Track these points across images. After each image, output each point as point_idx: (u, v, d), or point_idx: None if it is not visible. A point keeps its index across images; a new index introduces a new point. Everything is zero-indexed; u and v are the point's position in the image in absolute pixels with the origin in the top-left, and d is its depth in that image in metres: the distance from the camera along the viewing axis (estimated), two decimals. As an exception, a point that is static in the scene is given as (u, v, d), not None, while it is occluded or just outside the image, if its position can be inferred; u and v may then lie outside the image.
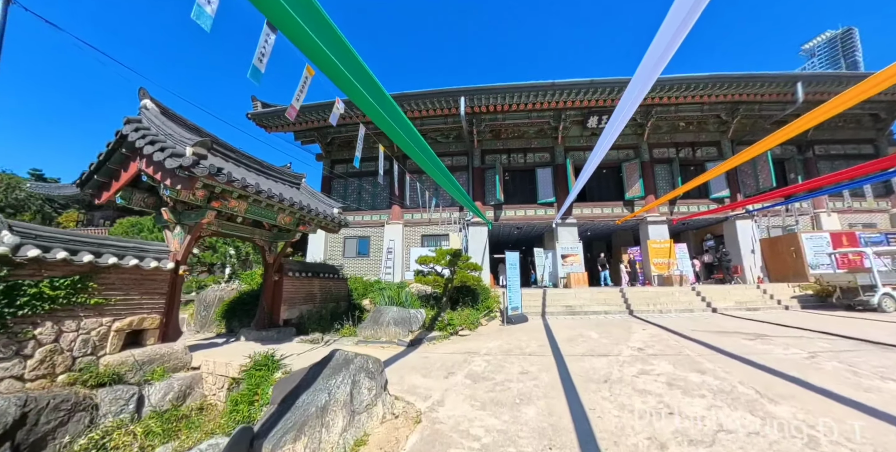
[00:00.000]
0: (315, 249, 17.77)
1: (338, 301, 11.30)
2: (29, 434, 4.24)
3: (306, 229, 8.88)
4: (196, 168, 5.53)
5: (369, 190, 18.51)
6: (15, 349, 4.58)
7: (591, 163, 7.47)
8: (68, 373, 4.97)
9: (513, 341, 7.85)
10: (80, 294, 5.17)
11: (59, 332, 4.96)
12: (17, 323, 4.60)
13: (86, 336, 5.20)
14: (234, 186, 6.11)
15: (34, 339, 4.73)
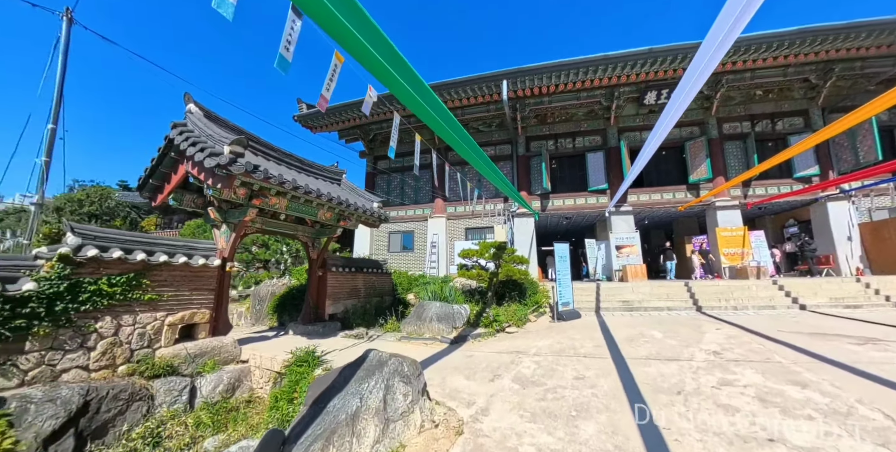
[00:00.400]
0: (361, 245, 18.04)
1: (382, 295, 11.24)
2: (91, 421, 4.44)
3: (347, 224, 8.80)
4: (233, 166, 5.52)
5: (411, 184, 18.39)
6: (80, 341, 4.83)
7: (651, 145, 6.57)
8: (127, 365, 5.19)
9: (564, 340, 7.19)
10: (135, 290, 5.37)
11: (118, 326, 5.19)
12: (81, 318, 4.85)
13: (142, 329, 5.41)
14: (271, 183, 6.06)
15: (96, 332, 4.97)
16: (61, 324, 4.67)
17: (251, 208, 6.55)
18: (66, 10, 6.33)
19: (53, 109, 6.14)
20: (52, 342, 4.61)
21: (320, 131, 18.22)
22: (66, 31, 6.24)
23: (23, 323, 4.39)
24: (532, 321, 9.40)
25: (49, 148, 6.01)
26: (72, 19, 6.25)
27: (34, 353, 4.48)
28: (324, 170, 9.50)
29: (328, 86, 4.45)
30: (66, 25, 6.21)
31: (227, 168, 5.47)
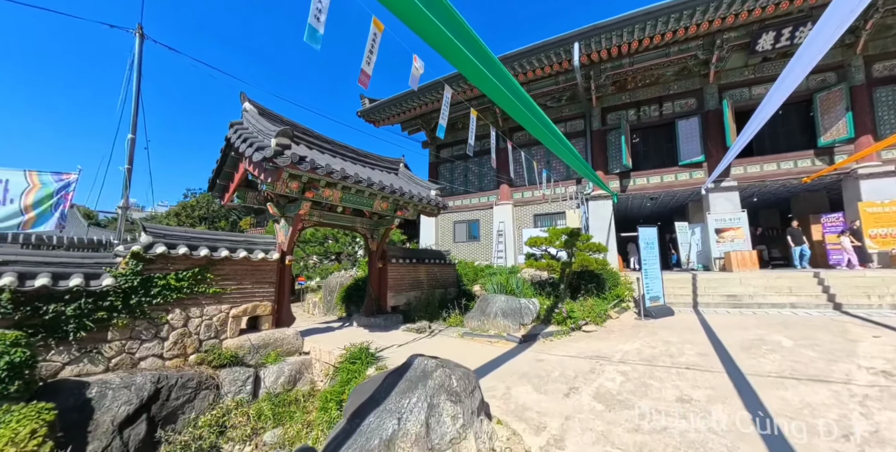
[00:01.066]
0: (426, 235, 17.85)
1: (446, 287, 10.76)
2: (162, 408, 4.57)
3: (404, 214, 8.38)
4: (278, 158, 5.29)
5: (475, 171, 17.57)
6: (154, 332, 5.04)
7: (773, 101, 5.00)
8: (197, 354, 5.34)
9: (657, 343, 5.92)
10: (201, 284, 5.49)
11: (187, 318, 5.34)
12: (154, 310, 5.05)
13: (209, 321, 5.53)
14: (318, 173, 5.77)
15: (168, 324, 5.16)
16: (137, 316, 4.90)
17: (304, 201, 6.39)
18: (138, 27, 6.72)
19: (132, 120, 6.61)
20: (131, 332, 4.86)
21: (383, 124, 18.24)
22: (139, 45, 6.64)
23: (104, 315, 4.65)
24: (613, 318, 8.12)
25: (130, 156, 6.49)
26: (143, 35, 6.65)
27: (115, 342, 4.74)
28: (380, 160, 9.17)
29: (368, 60, 3.89)
30: (139, 41, 6.62)
31: (273, 160, 5.27)
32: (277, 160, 5.28)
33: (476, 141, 17.20)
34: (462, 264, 13.46)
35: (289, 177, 5.80)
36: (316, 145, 7.44)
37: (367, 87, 4.40)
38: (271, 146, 5.37)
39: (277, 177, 5.55)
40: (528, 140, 15.90)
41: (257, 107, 6.68)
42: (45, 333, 4.30)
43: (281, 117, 7.03)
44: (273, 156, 5.25)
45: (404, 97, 15.69)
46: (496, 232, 15.60)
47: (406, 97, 15.64)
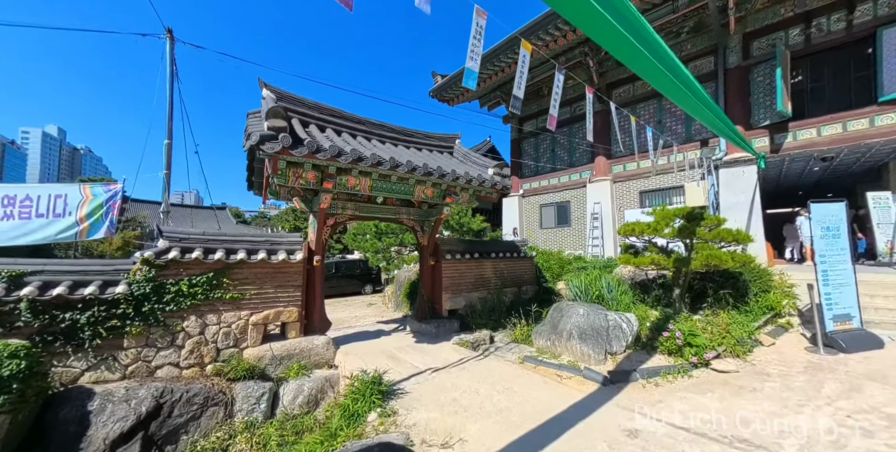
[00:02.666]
0: (509, 222, 15.92)
1: (520, 285, 8.95)
2: (162, 426, 4.14)
3: (455, 200, 6.84)
4: (266, 144, 4.32)
5: (565, 143, 14.74)
6: (170, 339, 4.72)
7: None
8: (214, 364, 4.91)
9: (870, 417, 3.29)
10: (216, 289, 5.02)
11: (204, 325, 4.93)
12: (168, 317, 4.73)
13: (227, 329, 5.06)
14: (319, 158, 4.66)
15: (183, 331, 4.80)
16: (151, 323, 4.62)
17: (324, 193, 5.42)
18: (167, 32, 6.60)
19: (168, 125, 6.60)
20: (146, 340, 4.60)
21: (458, 102, 16.66)
22: (170, 49, 6.53)
23: (117, 323, 4.44)
24: (765, 345, 5.29)
25: (168, 161, 6.48)
26: (173, 38, 6.53)
27: (131, 350, 4.52)
28: (428, 138, 7.75)
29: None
30: (170, 44, 6.51)
31: (260, 147, 4.31)
32: (265, 146, 4.32)
33: (565, 107, 14.38)
34: (545, 255, 11.34)
35: (288, 166, 4.84)
36: (345, 127, 6.40)
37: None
38: (262, 130, 4.43)
39: (274, 167, 4.63)
40: (633, 96, 12.44)
41: (275, 93, 5.89)
42: (63, 340, 4.22)
43: (303, 100, 6.15)
44: (259, 142, 4.30)
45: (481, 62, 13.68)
46: (590, 215, 12.81)
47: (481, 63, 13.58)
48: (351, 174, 5.44)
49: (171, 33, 6.70)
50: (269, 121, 4.49)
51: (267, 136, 4.36)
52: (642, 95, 12.18)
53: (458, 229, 14.80)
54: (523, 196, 15.87)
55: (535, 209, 15.34)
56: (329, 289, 15.12)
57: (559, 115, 13.26)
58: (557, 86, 5.04)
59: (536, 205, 15.26)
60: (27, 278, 4.28)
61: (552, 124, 4.99)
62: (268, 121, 4.49)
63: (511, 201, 16.09)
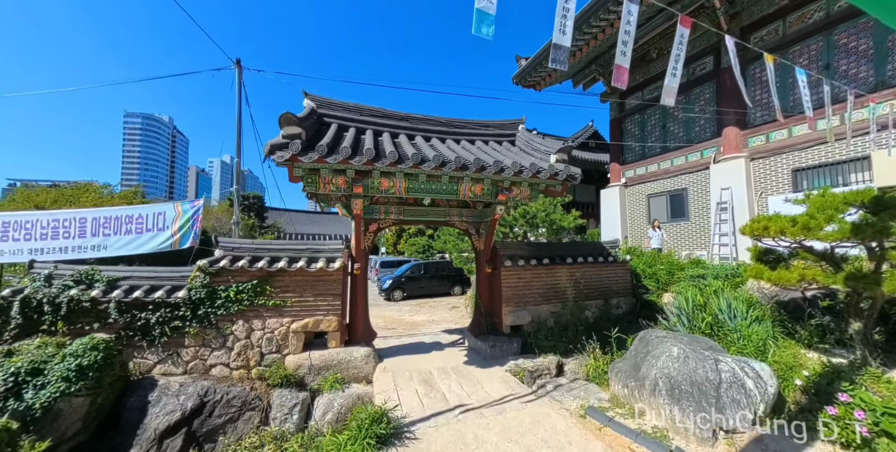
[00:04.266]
0: (609, 217, 13.51)
1: (608, 297, 7.27)
2: (203, 424, 4.38)
3: (509, 197, 5.77)
4: (277, 153, 4.12)
5: (679, 117, 11.67)
6: (221, 341, 5.04)
7: None
8: (259, 367, 5.05)
9: None
10: (260, 296, 5.17)
11: (250, 330, 5.12)
12: (220, 321, 5.06)
13: (270, 334, 5.17)
14: (330, 162, 4.26)
15: (233, 335, 5.08)
16: (205, 325, 5.01)
17: (355, 198, 5.07)
18: (236, 62, 7.20)
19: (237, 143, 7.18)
20: (203, 340, 5.01)
21: (546, 85, 14.85)
22: (238, 77, 7.11)
23: (178, 324, 4.91)
24: None
25: (237, 176, 7.06)
26: (241, 67, 7.09)
27: (191, 348, 4.96)
28: (485, 127, 6.79)
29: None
30: (238, 73, 7.09)
31: (271, 157, 4.13)
32: (275, 155, 4.12)
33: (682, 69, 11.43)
34: (649, 258, 9.12)
35: (311, 173, 4.58)
36: (386, 126, 5.96)
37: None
38: (280, 139, 4.25)
39: (290, 175, 4.42)
40: (783, 38, 9.01)
41: (316, 101, 5.80)
42: (140, 336, 4.83)
43: (342, 104, 5.92)
44: (269, 151, 4.11)
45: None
46: (716, 205, 9.81)
47: None
48: (379, 176, 4.95)
49: (239, 63, 7.39)
50: (283, 129, 4.28)
51: (277, 145, 4.16)
52: (797, 34, 8.71)
53: (547, 228, 13.24)
54: (626, 185, 13.30)
55: (641, 200, 12.68)
56: (419, 290, 15.36)
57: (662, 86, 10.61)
58: (680, 43, 3.61)
59: (643, 195, 12.58)
60: (119, 282, 5.04)
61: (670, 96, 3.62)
62: (284, 129, 4.28)
63: (611, 193, 13.67)
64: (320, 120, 5.60)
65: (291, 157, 4.16)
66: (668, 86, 3.67)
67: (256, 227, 28.34)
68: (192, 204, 6.51)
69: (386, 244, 32.73)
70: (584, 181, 22.57)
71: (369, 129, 5.70)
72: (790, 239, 4.59)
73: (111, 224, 6.26)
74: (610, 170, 14.01)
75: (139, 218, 6.33)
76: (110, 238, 6.25)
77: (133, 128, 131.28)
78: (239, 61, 7.45)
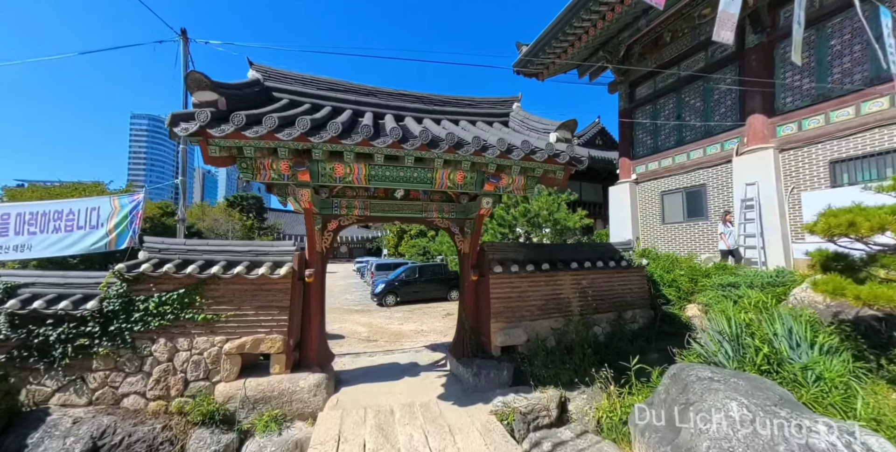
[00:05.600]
0: (619, 215, 12.26)
1: (621, 309, 6.09)
2: None
3: (497, 187, 4.65)
4: (179, 125, 3.08)
5: (697, 106, 10.41)
6: (138, 364, 4.05)
7: None
8: (181, 398, 4.01)
9: None
10: (188, 309, 4.15)
11: (174, 350, 4.12)
12: (137, 339, 4.08)
13: (198, 357, 4.14)
14: (248, 137, 3.20)
15: (152, 356, 4.08)
16: (119, 345, 4.01)
17: (300, 188, 4.01)
18: (182, 32, 6.30)
19: None
20: (114, 363, 4.04)
21: (550, 75, 13.65)
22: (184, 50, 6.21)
23: (85, 342, 3.93)
24: None
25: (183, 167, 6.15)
26: (187, 38, 6.20)
27: (100, 372, 3.97)
28: (472, 105, 5.71)
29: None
30: (184, 45, 6.18)
31: (173, 130, 3.10)
32: (178, 128, 3.09)
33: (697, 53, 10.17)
34: (667, 262, 7.93)
35: (233, 154, 3.54)
36: (349, 103, 4.90)
37: None
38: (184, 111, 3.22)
39: (205, 156, 3.39)
40: (819, 10, 7.74)
41: (261, 71, 4.76)
42: (36, 357, 3.84)
43: (295, 76, 4.88)
44: (171, 122, 3.08)
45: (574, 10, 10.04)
46: (740, 202, 8.55)
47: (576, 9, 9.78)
48: (328, 159, 3.89)
49: (185, 34, 6.46)
50: (193, 95, 3.25)
51: (182, 115, 3.12)
52: (838, 4, 7.44)
53: (551, 228, 12.06)
54: (637, 181, 12.06)
55: (653, 198, 11.43)
56: (413, 295, 14.18)
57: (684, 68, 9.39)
58: None
59: (656, 192, 11.34)
60: (20, 290, 4.06)
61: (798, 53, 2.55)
62: (192, 95, 3.25)
63: (620, 190, 12.44)
64: (268, 94, 4.57)
65: (199, 131, 3.12)
66: (796, 41, 2.58)
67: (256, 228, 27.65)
68: (130, 198, 5.55)
69: (387, 245, 31.75)
70: (590, 179, 21.26)
71: (327, 106, 4.65)
72: (864, 237, 3.39)
73: (37, 220, 5.33)
74: (619, 166, 12.77)
75: (69, 214, 5.39)
76: (35, 236, 5.31)
77: (139, 130, 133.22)
78: (184, 31, 6.54)
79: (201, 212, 21.14)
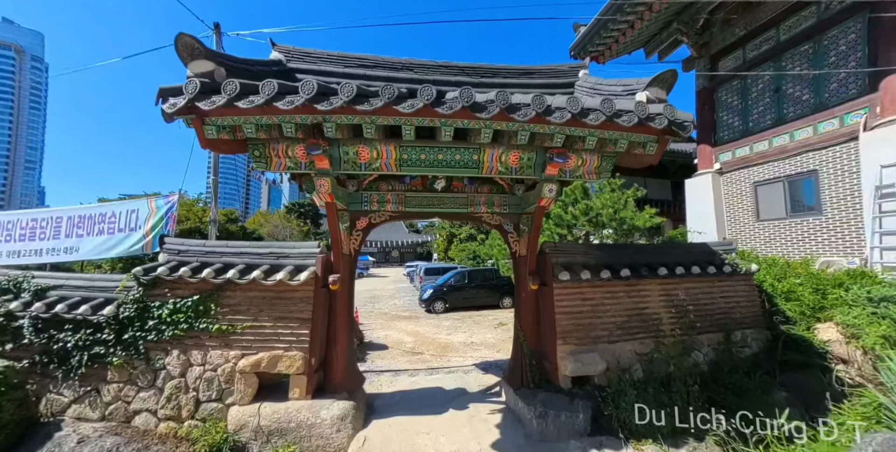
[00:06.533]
0: (699, 211, 10.27)
1: (728, 329, 4.61)
2: None
3: (558, 169, 3.56)
4: (169, 100, 2.50)
5: (804, 74, 8.29)
6: (151, 378, 3.61)
7: None
8: (191, 420, 3.45)
9: None
10: (202, 318, 3.63)
11: (187, 364, 3.61)
12: (151, 349, 3.64)
13: (211, 373, 3.58)
14: (241, 107, 2.51)
15: (165, 370, 3.61)
16: (133, 355, 3.59)
17: (319, 177, 3.28)
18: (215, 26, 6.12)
19: None
20: (129, 375, 3.62)
21: (612, 57, 11.96)
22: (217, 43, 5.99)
23: (101, 351, 3.56)
24: None
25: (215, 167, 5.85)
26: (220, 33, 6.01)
27: (114, 385, 3.58)
28: (525, 74, 4.70)
29: None
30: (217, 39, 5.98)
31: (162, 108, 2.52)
32: (165, 105, 2.50)
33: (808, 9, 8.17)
34: (776, 268, 6.18)
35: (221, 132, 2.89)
36: (379, 79, 4.13)
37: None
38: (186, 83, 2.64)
39: (201, 139, 2.78)
40: None
41: (286, 52, 4.19)
42: (56, 364, 3.54)
43: (324, 54, 4.25)
44: (160, 97, 2.50)
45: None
46: (874, 191, 6.45)
47: None
48: (351, 140, 3.13)
49: (218, 28, 6.26)
50: (189, 66, 2.66)
51: (169, 90, 2.53)
52: None
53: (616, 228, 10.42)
54: (721, 172, 10.07)
55: (744, 191, 9.39)
56: (463, 301, 13.08)
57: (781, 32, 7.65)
58: None
59: (746, 183, 9.30)
60: (49, 292, 3.83)
61: None
62: (188, 67, 2.66)
63: (700, 183, 10.48)
64: (290, 77, 3.96)
65: (188, 106, 2.50)
66: None
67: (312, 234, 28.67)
68: (166, 199, 5.33)
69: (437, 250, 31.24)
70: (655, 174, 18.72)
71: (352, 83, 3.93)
72: None
73: (84, 223, 5.30)
74: (697, 155, 10.79)
75: (112, 216, 5.30)
76: (83, 239, 5.27)
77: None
78: (217, 26, 6.37)
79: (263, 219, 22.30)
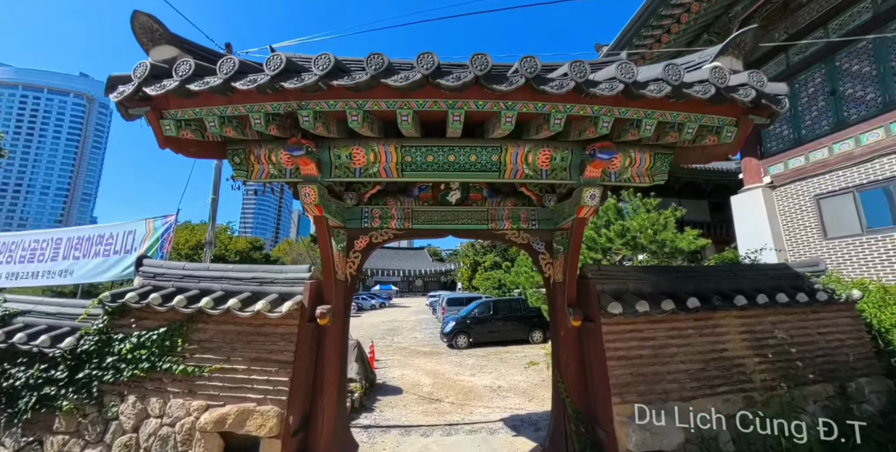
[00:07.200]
0: (749, 230, 8.93)
1: (839, 377, 3.45)
2: None
3: (603, 167, 2.80)
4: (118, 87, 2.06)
5: (865, 72, 7.23)
6: (100, 431, 2.95)
7: None
8: (140, 500, 2.67)
9: None
10: (167, 355, 2.99)
11: (143, 415, 2.97)
12: (105, 393, 3.01)
13: (168, 429, 2.88)
14: (194, 90, 2.00)
15: (117, 421, 2.95)
16: (84, 398, 2.97)
17: (304, 185, 2.70)
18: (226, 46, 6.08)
19: None
20: (77, 425, 2.96)
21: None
22: None
23: (51, 392, 2.97)
24: None
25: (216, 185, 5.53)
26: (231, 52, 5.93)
27: (59, 436, 2.97)
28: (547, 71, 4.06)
29: None
30: None
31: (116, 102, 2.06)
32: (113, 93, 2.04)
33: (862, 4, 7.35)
34: (866, 292, 4.89)
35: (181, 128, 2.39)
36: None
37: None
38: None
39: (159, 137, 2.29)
40: None
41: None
42: (2, 406, 2.96)
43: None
44: (109, 86, 2.06)
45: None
46: None
47: None
48: (345, 142, 2.56)
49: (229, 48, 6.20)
50: (150, 53, 2.23)
51: (119, 78, 2.09)
52: None
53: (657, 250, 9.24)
54: (772, 186, 8.86)
55: (803, 206, 8.12)
56: (488, 335, 11.57)
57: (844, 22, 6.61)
58: None
59: (806, 197, 8.04)
60: (16, 319, 3.36)
61: None
62: (149, 54, 2.24)
63: (748, 198, 9.28)
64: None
65: (137, 95, 2.02)
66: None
67: (336, 263, 28.49)
68: (163, 219, 4.97)
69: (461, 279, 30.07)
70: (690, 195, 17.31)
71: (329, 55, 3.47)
72: None
73: (82, 245, 5.01)
74: (743, 170, 9.66)
75: (109, 238, 5.00)
76: (79, 261, 4.95)
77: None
78: (229, 46, 6.34)
79: (288, 247, 22.44)
